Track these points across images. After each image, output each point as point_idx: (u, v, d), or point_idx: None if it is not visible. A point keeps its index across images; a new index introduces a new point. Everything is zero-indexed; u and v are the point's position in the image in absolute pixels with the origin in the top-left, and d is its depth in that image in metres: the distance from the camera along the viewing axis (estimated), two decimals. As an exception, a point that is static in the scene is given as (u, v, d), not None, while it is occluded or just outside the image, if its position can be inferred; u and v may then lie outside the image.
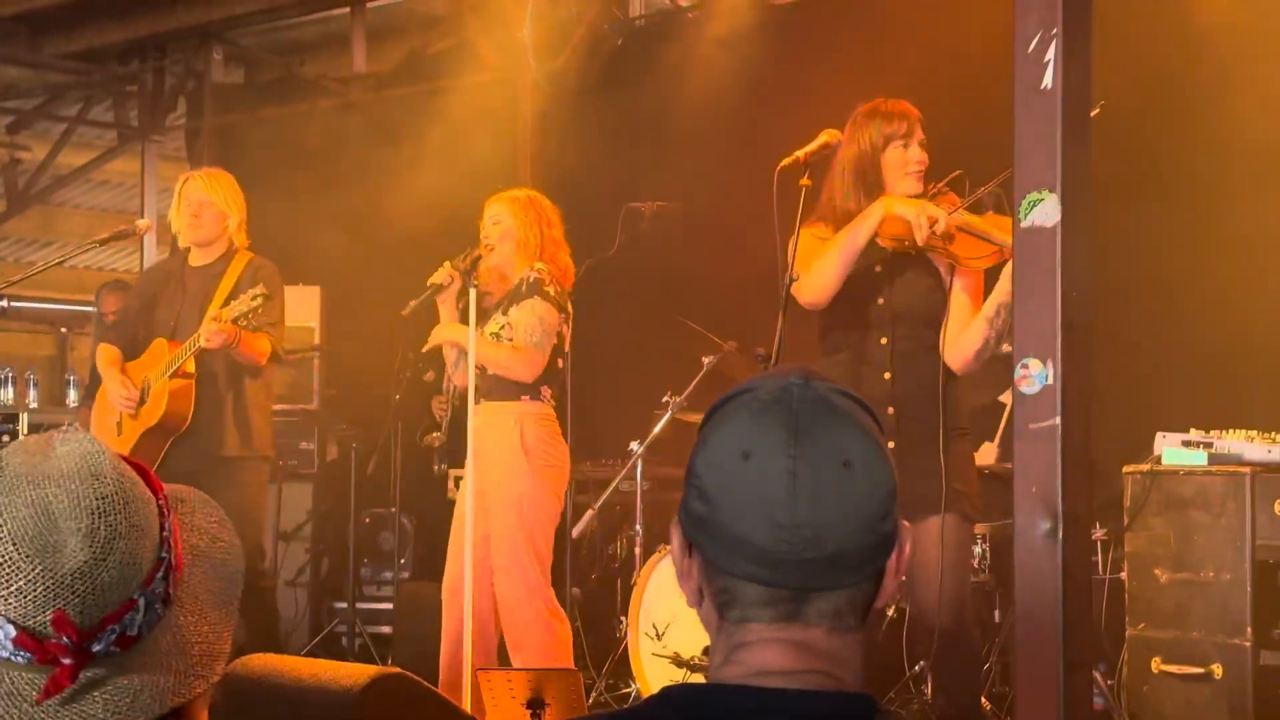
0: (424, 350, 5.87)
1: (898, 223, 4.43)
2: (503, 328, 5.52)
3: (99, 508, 1.50)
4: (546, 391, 5.57)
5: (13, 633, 1.49)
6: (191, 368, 5.86)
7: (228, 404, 5.92)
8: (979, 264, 4.46)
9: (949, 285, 4.56)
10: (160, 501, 1.60)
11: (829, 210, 4.62)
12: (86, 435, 1.58)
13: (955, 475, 4.40)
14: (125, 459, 1.61)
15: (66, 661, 1.49)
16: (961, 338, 4.47)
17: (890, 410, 4.45)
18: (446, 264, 5.57)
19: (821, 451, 1.48)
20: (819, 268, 4.50)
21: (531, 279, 5.50)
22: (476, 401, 5.54)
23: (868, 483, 1.49)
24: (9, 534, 1.48)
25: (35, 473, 1.51)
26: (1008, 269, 4.21)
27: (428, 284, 5.57)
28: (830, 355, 4.63)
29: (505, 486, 5.49)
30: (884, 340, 4.51)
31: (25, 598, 1.48)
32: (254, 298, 5.62)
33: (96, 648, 1.51)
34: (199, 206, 5.99)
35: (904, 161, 4.55)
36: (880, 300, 4.53)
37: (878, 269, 4.55)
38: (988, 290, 4.51)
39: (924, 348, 4.52)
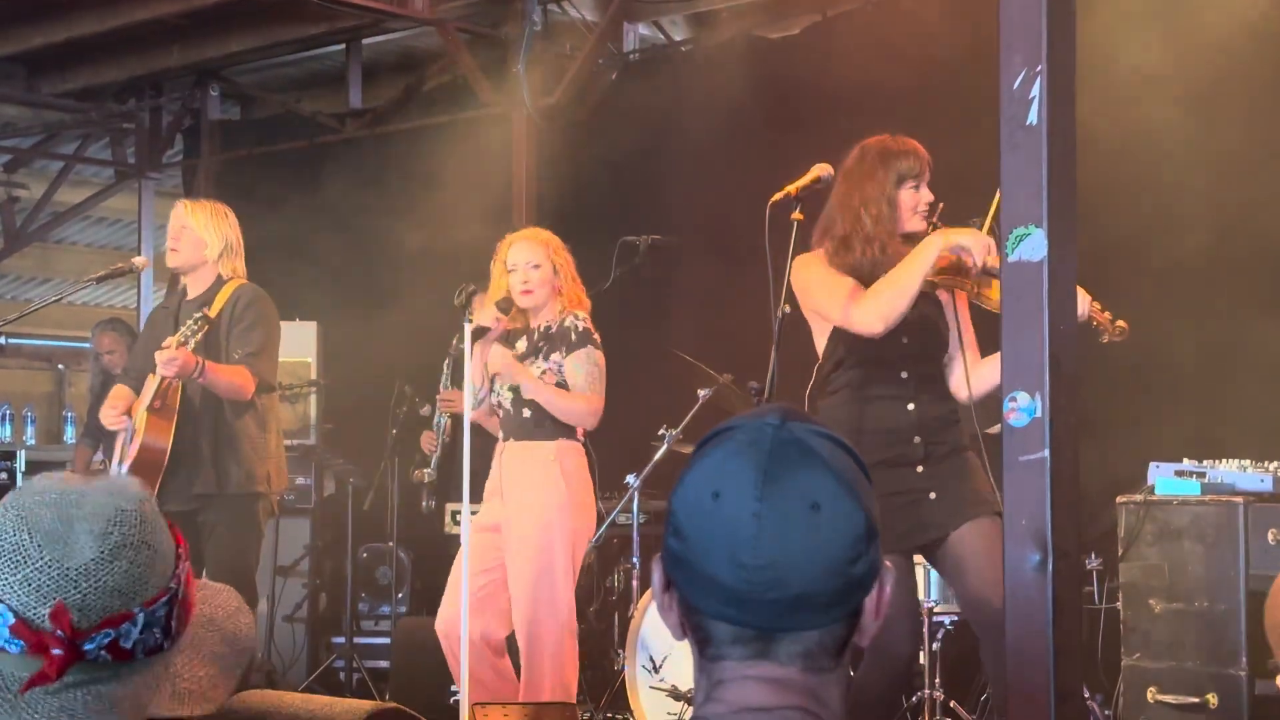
0: (479, 375, 5.60)
1: (946, 256, 4.46)
2: (544, 373, 5.55)
3: (115, 516, 1.58)
4: (580, 431, 5.65)
5: (11, 619, 1.55)
6: (175, 402, 5.80)
7: (209, 440, 5.79)
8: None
9: (953, 312, 4.63)
10: (180, 549, 1.67)
11: (837, 244, 4.59)
12: (128, 476, 1.66)
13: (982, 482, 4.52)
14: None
15: (57, 653, 1.54)
16: (982, 371, 4.53)
17: (917, 439, 4.52)
18: (492, 305, 5.55)
19: (789, 493, 1.50)
20: (882, 302, 4.45)
21: (580, 328, 5.59)
22: (507, 439, 5.60)
23: (835, 525, 1.51)
24: (26, 525, 1.57)
25: (68, 488, 1.62)
26: None
27: (474, 326, 5.48)
28: (847, 389, 4.61)
29: (546, 523, 5.47)
30: (905, 374, 4.57)
31: (30, 585, 1.55)
32: (195, 321, 5.60)
33: (88, 647, 1.56)
34: (178, 231, 5.91)
35: (915, 201, 4.58)
36: (905, 339, 4.54)
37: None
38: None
39: (936, 376, 4.63)
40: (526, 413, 5.56)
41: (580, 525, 5.57)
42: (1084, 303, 4.38)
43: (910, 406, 4.56)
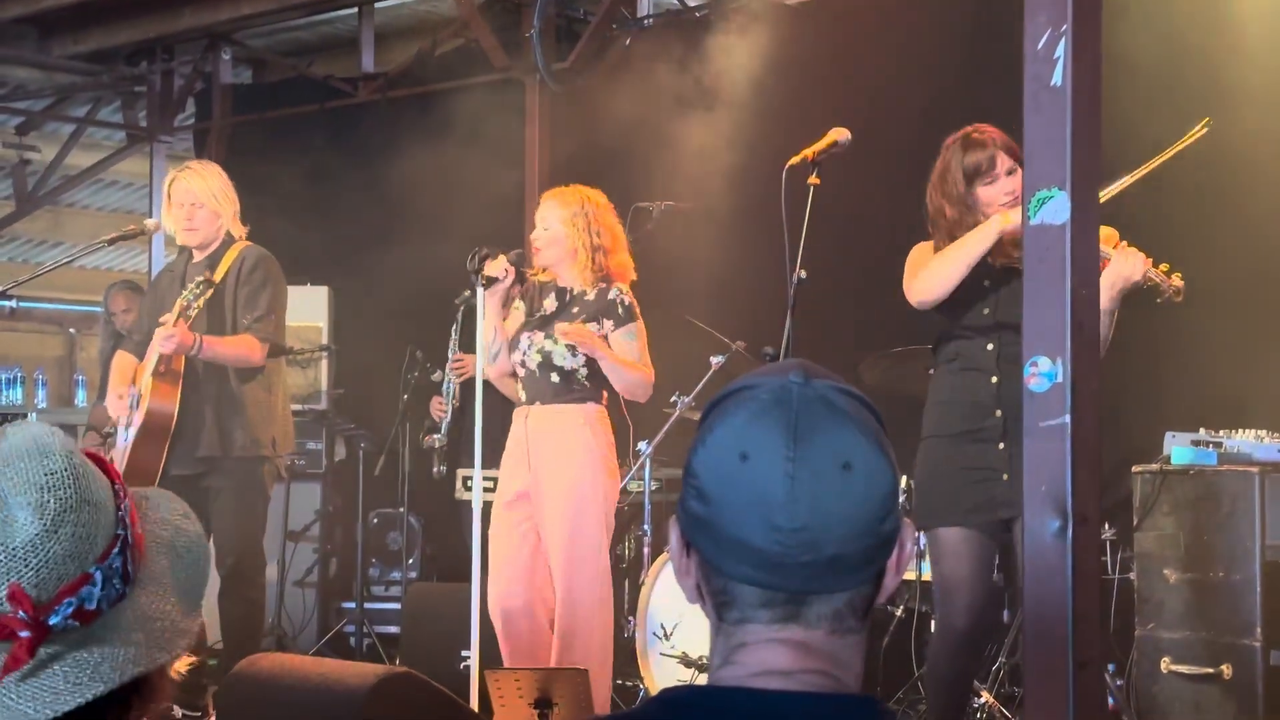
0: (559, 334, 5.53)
1: (1010, 240, 4.48)
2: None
3: (47, 483, 1.52)
4: (605, 397, 5.64)
5: None
6: (180, 365, 5.76)
7: (213, 404, 5.78)
8: None
9: None
10: (116, 485, 1.61)
11: (934, 240, 4.69)
12: (37, 422, 1.60)
13: None
14: (85, 452, 1.62)
15: (24, 635, 1.50)
16: None
17: (998, 413, 4.53)
18: (502, 257, 5.48)
19: (820, 453, 1.46)
20: (933, 273, 4.59)
21: (626, 303, 5.59)
22: (532, 403, 5.55)
23: (867, 484, 1.47)
24: None
25: None
26: (1103, 279, 4.34)
27: (483, 277, 5.47)
28: (945, 363, 4.70)
29: (579, 485, 5.45)
30: (990, 346, 4.56)
31: None
32: (198, 285, 5.58)
33: (54, 620, 1.51)
34: (190, 210, 5.87)
35: (995, 197, 4.58)
36: (986, 310, 4.58)
37: (985, 283, 4.60)
38: None
39: None
40: (555, 377, 5.52)
41: (611, 490, 5.57)
42: (1140, 265, 4.38)
43: (993, 380, 4.55)
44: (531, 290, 5.68)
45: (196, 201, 5.87)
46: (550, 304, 5.64)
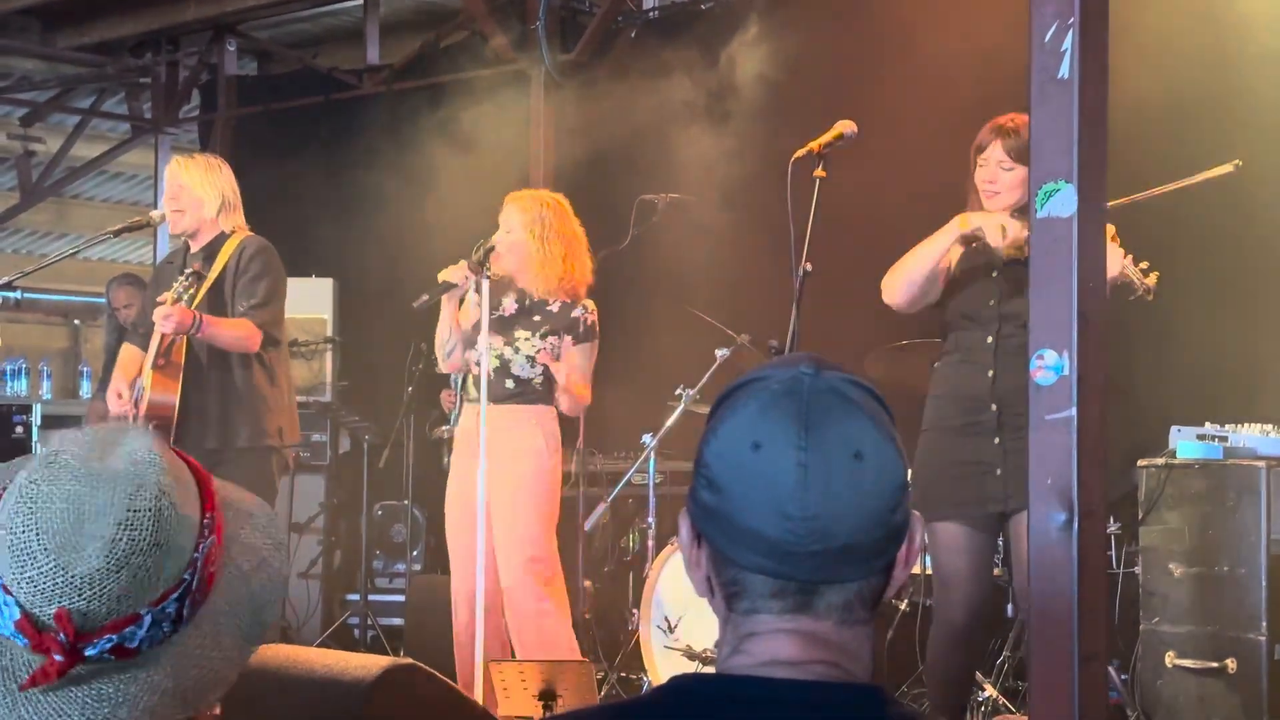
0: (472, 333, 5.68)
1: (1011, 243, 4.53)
2: (539, 351, 5.60)
3: (127, 519, 1.52)
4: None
5: (17, 615, 1.52)
6: (180, 357, 5.77)
7: (217, 396, 5.77)
8: None
9: None
10: (205, 518, 1.60)
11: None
12: (151, 443, 1.58)
13: None
14: (194, 467, 1.62)
15: (58, 658, 1.51)
16: None
17: (993, 407, 4.53)
18: (462, 262, 5.56)
19: (832, 443, 1.47)
20: (895, 278, 4.66)
21: (589, 321, 5.70)
22: (494, 400, 5.57)
23: (878, 474, 1.48)
24: (36, 523, 1.51)
25: (84, 469, 1.54)
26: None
27: (439, 279, 5.57)
28: (945, 355, 4.73)
29: (529, 481, 5.56)
30: (989, 340, 4.56)
31: (35, 587, 1.51)
32: (186, 277, 5.59)
33: (90, 652, 1.52)
34: (176, 191, 5.89)
35: (979, 183, 4.64)
36: (991, 301, 4.59)
37: (994, 274, 4.61)
38: None
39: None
40: (509, 384, 5.63)
41: (558, 489, 5.70)
42: (1117, 262, 4.38)
43: (990, 374, 4.55)
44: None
45: (183, 185, 5.88)
46: (510, 305, 5.71)
